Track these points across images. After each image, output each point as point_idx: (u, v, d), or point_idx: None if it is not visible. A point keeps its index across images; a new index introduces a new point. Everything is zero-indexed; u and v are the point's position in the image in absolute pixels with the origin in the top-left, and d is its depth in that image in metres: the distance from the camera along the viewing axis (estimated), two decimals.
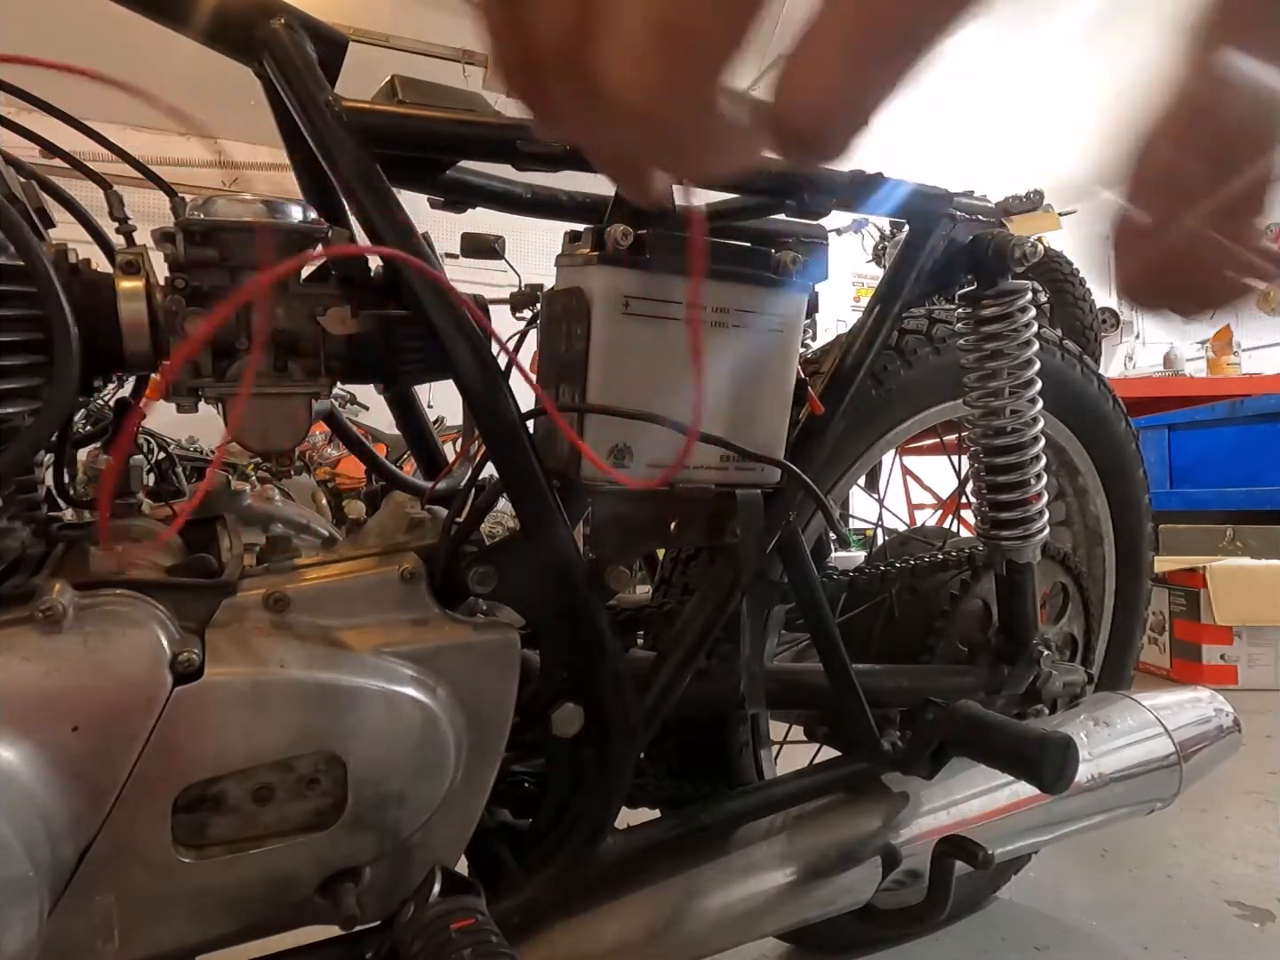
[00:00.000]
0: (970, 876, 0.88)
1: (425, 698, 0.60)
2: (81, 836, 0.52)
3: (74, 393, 0.55)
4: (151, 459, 3.07)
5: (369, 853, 0.60)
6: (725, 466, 0.70)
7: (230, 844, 0.56)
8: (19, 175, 0.65)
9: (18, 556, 0.59)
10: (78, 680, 0.51)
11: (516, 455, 0.65)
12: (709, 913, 0.76)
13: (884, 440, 0.98)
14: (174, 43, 0.66)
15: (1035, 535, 0.93)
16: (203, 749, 0.54)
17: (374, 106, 0.65)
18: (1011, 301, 0.88)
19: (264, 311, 0.58)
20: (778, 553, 0.78)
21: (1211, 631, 2.42)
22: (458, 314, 0.62)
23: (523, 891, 0.69)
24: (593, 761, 0.71)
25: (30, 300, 0.54)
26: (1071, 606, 1.10)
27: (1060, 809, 0.94)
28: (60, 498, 0.70)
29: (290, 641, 0.58)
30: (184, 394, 0.61)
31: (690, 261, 0.61)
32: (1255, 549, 3.07)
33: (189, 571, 0.62)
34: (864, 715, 0.85)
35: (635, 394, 0.64)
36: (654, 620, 0.84)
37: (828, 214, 0.77)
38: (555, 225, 0.76)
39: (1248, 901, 1.21)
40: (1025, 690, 0.99)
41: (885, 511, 1.22)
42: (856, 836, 0.84)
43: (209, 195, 0.60)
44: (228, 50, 0.65)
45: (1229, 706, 1.09)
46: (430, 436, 0.85)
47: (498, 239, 0.70)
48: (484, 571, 0.63)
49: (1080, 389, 1.10)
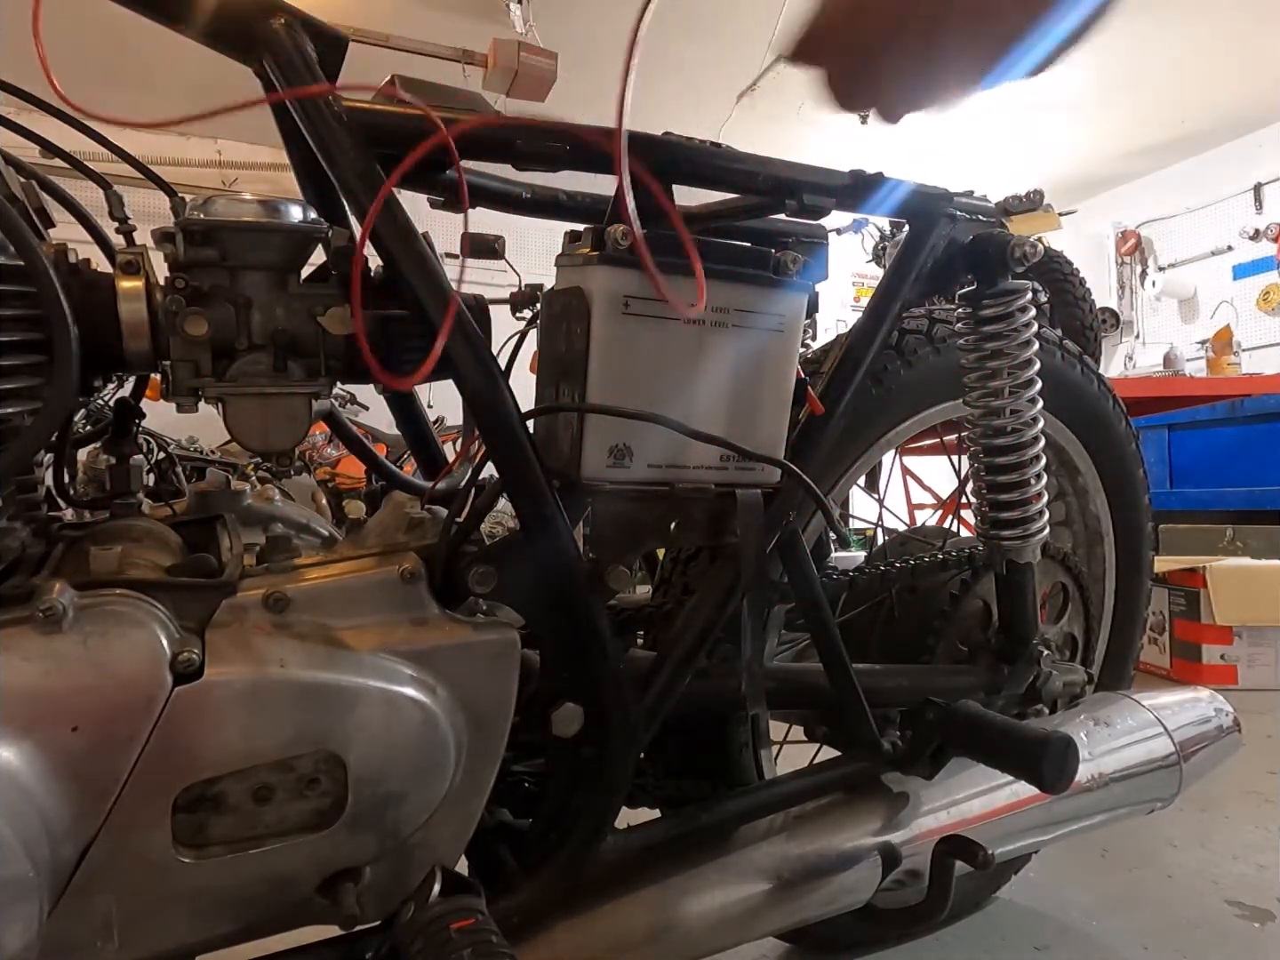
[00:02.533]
0: (970, 876, 0.88)
1: (425, 698, 0.60)
2: (81, 836, 0.52)
3: (74, 393, 0.55)
4: (151, 459, 3.07)
5: (369, 853, 0.60)
6: (725, 466, 0.70)
7: (230, 844, 0.56)
8: (19, 175, 0.65)
9: (18, 556, 0.59)
10: (77, 680, 0.51)
11: (516, 455, 0.65)
12: (709, 913, 0.76)
13: (884, 440, 0.98)
14: (174, 43, 0.66)
15: (1035, 535, 0.93)
16: (203, 749, 0.54)
17: (374, 106, 0.65)
18: (1011, 301, 0.88)
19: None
20: (778, 553, 0.78)
21: (1211, 631, 2.42)
22: (458, 314, 0.63)
23: (523, 891, 0.69)
24: (593, 761, 0.71)
25: (30, 300, 0.54)
26: (1071, 606, 1.10)
27: (1060, 809, 0.94)
28: (60, 498, 0.70)
29: (290, 641, 0.58)
30: (184, 394, 0.61)
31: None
32: (1255, 549, 3.07)
33: (189, 571, 0.62)
34: (864, 715, 0.85)
35: (635, 393, 0.64)
36: (654, 620, 0.84)
37: (828, 214, 0.77)
38: (555, 225, 0.76)
39: (1248, 901, 1.21)
40: (1025, 690, 0.99)
41: (885, 511, 1.22)
42: (856, 836, 0.84)
43: (209, 195, 0.60)
44: (228, 50, 0.65)
45: (1229, 706, 1.09)
46: (430, 436, 0.85)
47: (498, 239, 0.70)
48: (484, 571, 0.63)
49: (1080, 389, 1.10)
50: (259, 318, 0.61)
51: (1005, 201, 0.92)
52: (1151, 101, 5.20)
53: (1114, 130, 5.58)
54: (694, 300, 0.63)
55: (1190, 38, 4.45)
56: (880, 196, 0.80)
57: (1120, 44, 4.42)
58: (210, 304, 0.59)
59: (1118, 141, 5.75)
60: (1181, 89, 5.03)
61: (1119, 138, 5.69)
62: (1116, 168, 6.17)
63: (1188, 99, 5.17)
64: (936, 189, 0.86)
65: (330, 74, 0.65)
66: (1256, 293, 5.66)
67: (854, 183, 0.78)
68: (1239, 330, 5.23)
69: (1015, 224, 0.91)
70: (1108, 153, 5.91)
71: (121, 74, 4.33)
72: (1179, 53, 4.61)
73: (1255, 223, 5.69)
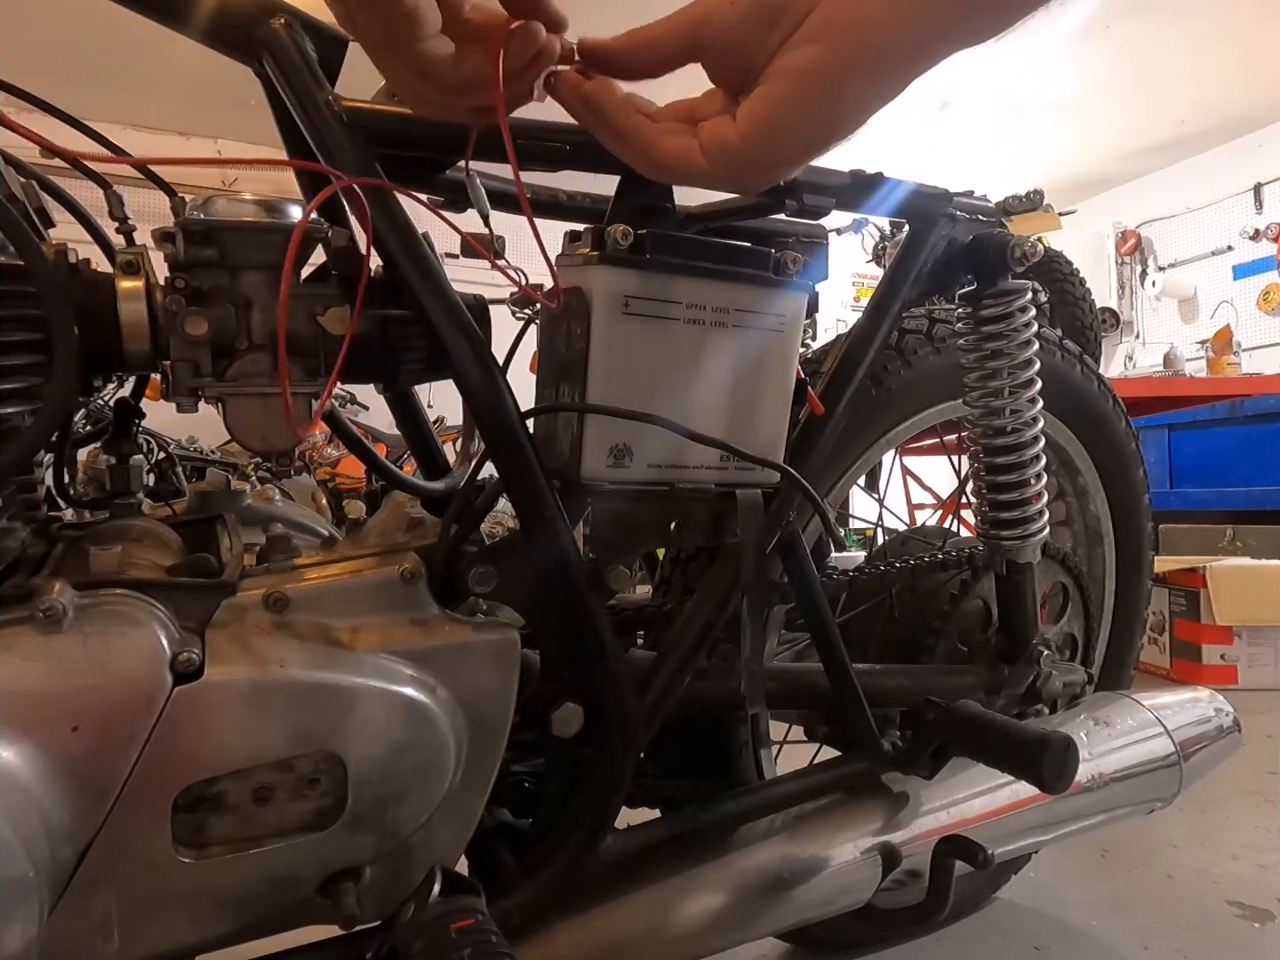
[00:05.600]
0: (970, 876, 0.88)
1: (425, 698, 0.60)
2: (81, 836, 0.52)
3: (74, 393, 0.55)
4: (151, 459, 3.07)
5: (369, 853, 0.60)
6: (725, 466, 0.70)
7: (230, 844, 0.56)
8: (19, 175, 0.65)
9: (18, 556, 0.58)
10: (77, 680, 0.51)
11: (516, 455, 0.65)
12: (709, 913, 0.76)
13: (884, 440, 0.98)
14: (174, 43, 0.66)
15: (1035, 535, 0.93)
16: (203, 749, 0.54)
17: (374, 106, 0.65)
18: (1011, 301, 0.88)
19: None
20: (777, 553, 0.78)
21: (1211, 631, 2.42)
22: (458, 314, 0.63)
23: (523, 891, 0.69)
24: (593, 761, 0.71)
25: (30, 300, 0.54)
26: (1071, 606, 1.10)
27: (1060, 809, 0.94)
28: (60, 498, 0.70)
29: (290, 641, 0.58)
30: (184, 394, 0.61)
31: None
32: (1255, 549, 3.07)
33: (189, 571, 0.62)
34: (864, 715, 0.85)
35: (635, 394, 0.64)
36: (654, 620, 0.84)
37: (828, 214, 0.77)
38: (555, 225, 0.76)
39: (1248, 901, 1.21)
40: (1025, 690, 0.99)
41: (885, 511, 1.22)
42: (856, 836, 0.84)
43: (209, 195, 0.60)
44: (228, 50, 0.64)
45: (1229, 706, 1.09)
46: (430, 436, 0.85)
47: (498, 239, 0.70)
48: (484, 571, 0.63)
49: (1080, 389, 1.10)
50: (259, 318, 0.61)
51: (1005, 201, 0.92)
52: (1151, 101, 5.20)
53: (1114, 130, 5.58)
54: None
55: (1190, 38, 4.46)
56: (880, 196, 0.80)
57: (1120, 44, 4.42)
58: (210, 304, 0.59)
59: (1118, 141, 5.75)
60: (1181, 89, 5.04)
61: (1119, 138, 5.70)
62: (1116, 168, 6.17)
63: (1188, 99, 5.17)
64: (936, 189, 0.86)
65: (330, 74, 0.64)
66: (1256, 293, 5.67)
67: (854, 183, 0.78)
68: (1239, 330, 5.23)
69: (1015, 224, 0.91)
70: (1108, 153, 5.91)
71: (122, 74, 4.33)
72: (1179, 53, 4.61)
73: (1255, 223, 5.69)
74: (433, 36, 0.51)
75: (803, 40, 0.47)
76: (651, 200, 0.72)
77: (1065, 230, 3.83)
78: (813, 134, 0.49)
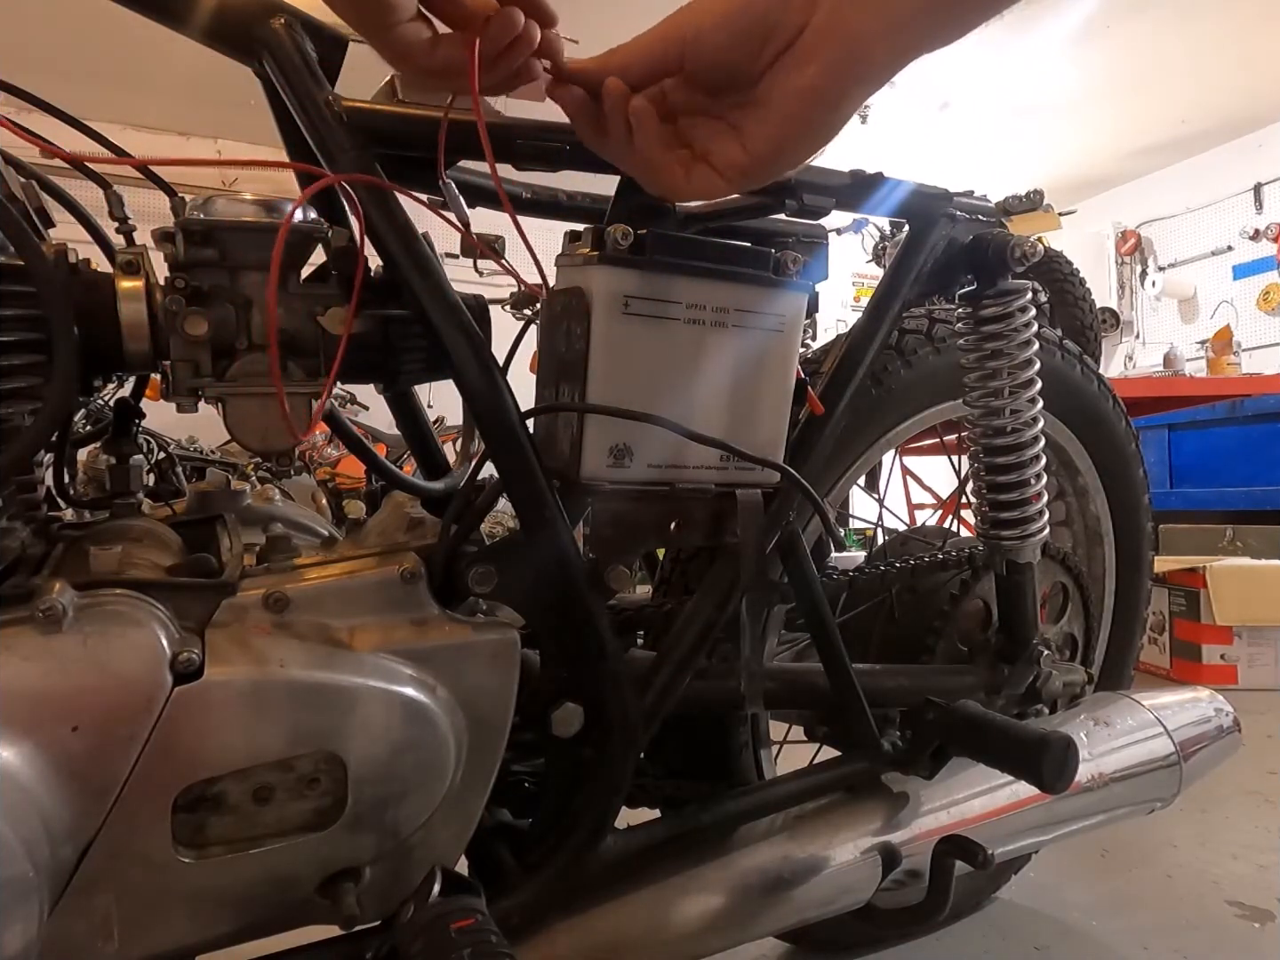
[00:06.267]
0: (970, 876, 0.88)
1: (425, 698, 0.60)
2: (81, 836, 0.52)
3: (74, 393, 0.55)
4: (151, 459, 3.07)
5: (369, 853, 0.60)
6: (725, 466, 0.70)
7: (230, 844, 0.56)
8: (19, 175, 0.65)
9: (18, 556, 0.58)
10: (77, 680, 0.51)
11: (516, 455, 0.65)
12: (709, 912, 0.76)
13: (884, 440, 0.98)
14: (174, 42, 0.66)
15: (1035, 535, 0.93)
16: (203, 749, 0.54)
17: (374, 106, 0.65)
18: (1011, 301, 0.88)
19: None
20: (777, 553, 0.78)
21: (1211, 631, 2.42)
22: (458, 314, 0.63)
23: (523, 891, 0.69)
24: (593, 761, 0.71)
25: (30, 300, 0.54)
26: (1071, 606, 1.10)
27: (1060, 809, 0.94)
28: (60, 498, 0.70)
29: (290, 641, 0.58)
30: (184, 394, 0.61)
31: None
32: (1255, 549, 3.07)
33: (189, 571, 0.62)
34: (864, 715, 0.85)
35: (635, 394, 0.64)
36: (654, 620, 0.84)
37: (828, 214, 0.77)
38: (555, 225, 0.76)
39: (1248, 901, 1.21)
40: (1025, 690, 0.99)
41: (885, 511, 1.22)
42: (856, 836, 0.84)
43: (209, 195, 0.60)
44: (228, 50, 0.65)
45: (1229, 706, 1.09)
46: (430, 436, 0.85)
47: (498, 239, 0.70)
48: (484, 571, 0.63)
49: (1080, 389, 1.10)
50: (259, 318, 0.61)
51: (1005, 201, 0.92)
52: (1151, 101, 5.20)
53: (1114, 130, 5.58)
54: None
55: (1190, 38, 4.46)
56: (880, 196, 0.80)
57: (1120, 44, 4.42)
58: (210, 304, 0.59)
59: (1118, 141, 5.75)
60: (1181, 89, 5.04)
61: (1119, 138, 5.70)
62: (1116, 168, 6.17)
63: (1188, 99, 5.17)
64: (936, 189, 0.86)
65: (330, 74, 0.64)
66: (1256, 293, 5.67)
67: (854, 182, 0.78)
68: (1239, 330, 5.23)
69: (1015, 224, 0.91)
70: (1108, 153, 5.92)
71: (122, 74, 4.33)
72: (1179, 53, 4.61)
73: (1255, 223, 5.70)
74: (409, 20, 0.52)
75: (800, 60, 0.51)
76: (651, 200, 0.72)
77: (1065, 230, 3.83)
78: (816, 143, 0.54)
